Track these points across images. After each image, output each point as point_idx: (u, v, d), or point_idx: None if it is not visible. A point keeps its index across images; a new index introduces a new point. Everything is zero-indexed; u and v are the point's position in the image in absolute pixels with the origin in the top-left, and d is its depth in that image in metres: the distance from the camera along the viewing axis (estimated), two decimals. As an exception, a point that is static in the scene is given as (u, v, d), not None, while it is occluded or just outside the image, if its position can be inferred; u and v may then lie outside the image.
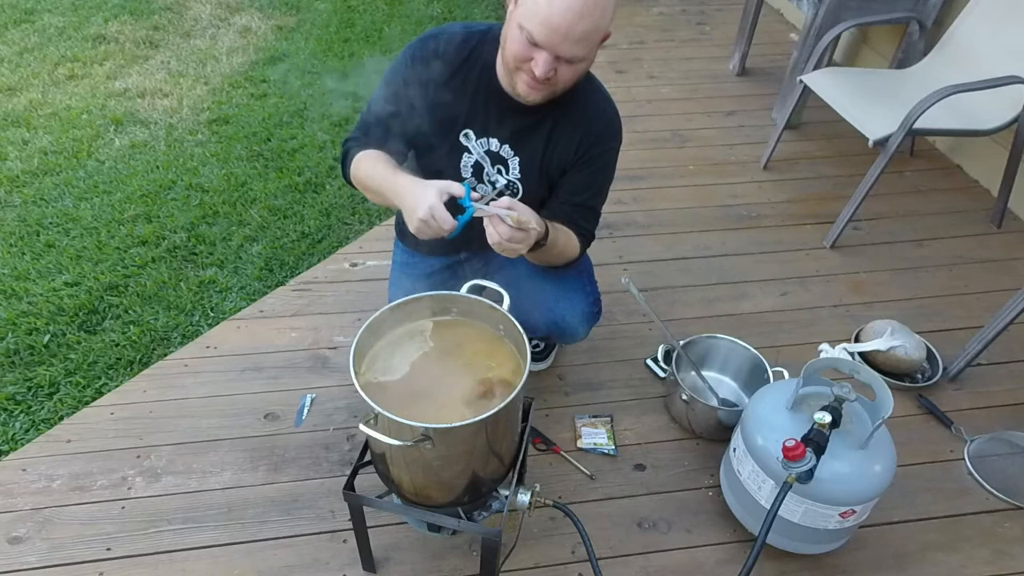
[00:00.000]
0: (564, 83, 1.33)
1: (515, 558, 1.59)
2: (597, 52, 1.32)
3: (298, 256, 2.47)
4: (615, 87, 3.45)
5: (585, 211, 1.54)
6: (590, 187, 1.52)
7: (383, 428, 1.15)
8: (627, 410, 1.94)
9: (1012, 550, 1.65)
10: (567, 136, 1.46)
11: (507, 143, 1.48)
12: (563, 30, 1.20)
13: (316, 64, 3.71)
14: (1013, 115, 2.32)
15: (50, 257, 2.43)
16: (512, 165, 1.50)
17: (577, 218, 1.52)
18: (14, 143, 3.02)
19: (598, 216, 1.58)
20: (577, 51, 1.24)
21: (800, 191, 2.79)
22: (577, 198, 1.51)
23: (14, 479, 1.73)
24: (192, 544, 1.61)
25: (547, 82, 1.30)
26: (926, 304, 2.29)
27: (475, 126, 1.48)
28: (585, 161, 1.48)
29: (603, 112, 1.48)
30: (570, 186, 1.51)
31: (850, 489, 1.39)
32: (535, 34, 1.22)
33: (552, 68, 1.26)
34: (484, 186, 1.50)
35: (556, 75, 1.28)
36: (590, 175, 1.50)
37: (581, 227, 1.53)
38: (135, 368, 2.05)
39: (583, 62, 1.29)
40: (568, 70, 1.29)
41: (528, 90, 1.33)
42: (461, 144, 1.50)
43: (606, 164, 1.51)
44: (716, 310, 2.25)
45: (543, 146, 1.47)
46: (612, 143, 1.50)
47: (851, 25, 2.67)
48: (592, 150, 1.47)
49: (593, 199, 1.54)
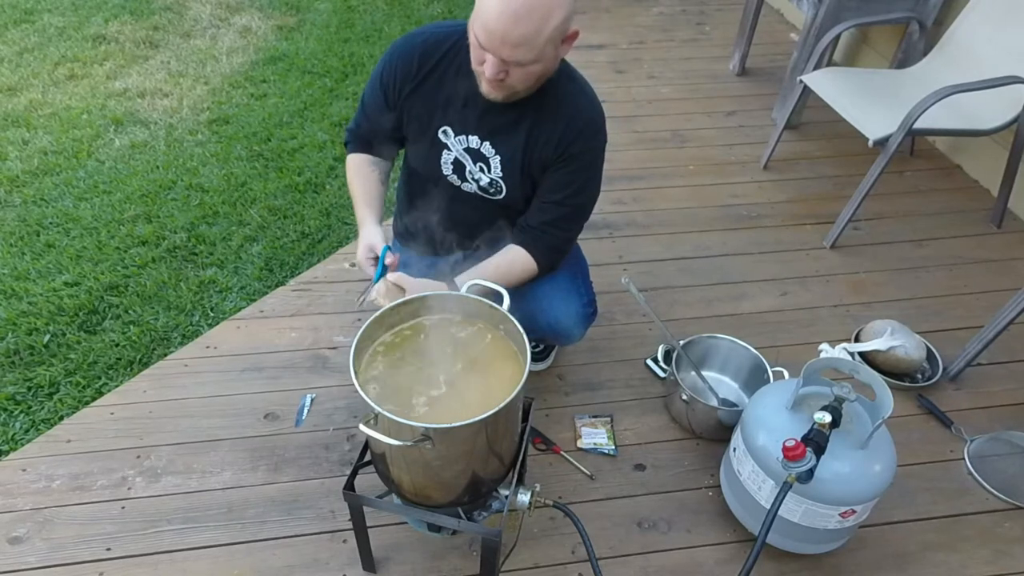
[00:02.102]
0: (521, 84, 1.32)
1: (515, 558, 1.59)
2: (562, 50, 1.31)
3: (298, 256, 2.47)
4: (615, 87, 3.45)
5: (564, 212, 1.52)
6: (570, 184, 1.50)
7: (383, 428, 1.15)
8: (627, 410, 1.94)
9: (1012, 550, 1.65)
10: (546, 134, 1.45)
11: (487, 141, 1.48)
12: (499, 35, 1.20)
13: (316, 64, 3.71)
14: (1013, 115, 2.32)
15: (50, 257, 2.43)
16: (493, 164, 1.50)
17: (544, 231, 1.52)
18: (14, 143, 3.02)
19: (581, 216, 1.56)
20: (518, 55, 1.23)
21: (800, 191, 2.79)
22: (556, 195, 1.50)
23: (14, 479, 1.73)
24: (192, 544, 1.61)
25: (500, 83, 1.30)
26: (926, 304, 2.29)
27: (453, 124, 1.49)
28: (565, 159, 1.47)
29: (583, 112, 1.46)
30: (550, 183, 1.50)
31: (850, 489, 1.39)
32: (479, 37, 1.24)
33: (501, 70, 1.26)
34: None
35: (508, 76, 1.28)
36: (570, 173, 1.49)
37: (544, 242, 1.53)
38: (135, 368, 2.05)
39: (535, 64, 1.27)
40: (519, 72, 1.28)
41: (488, 89, 1.34)
42: (440, 141, 1.51)
43: (588, 163, 1.50)
44: (716, 310, 2.25)
45: (523, 144, 1.46)
46: (593, 142, 1.48)
47: (851, 25, 2.67)
48: (571, 148, 1.45)
49: (573, 198, 1.51)
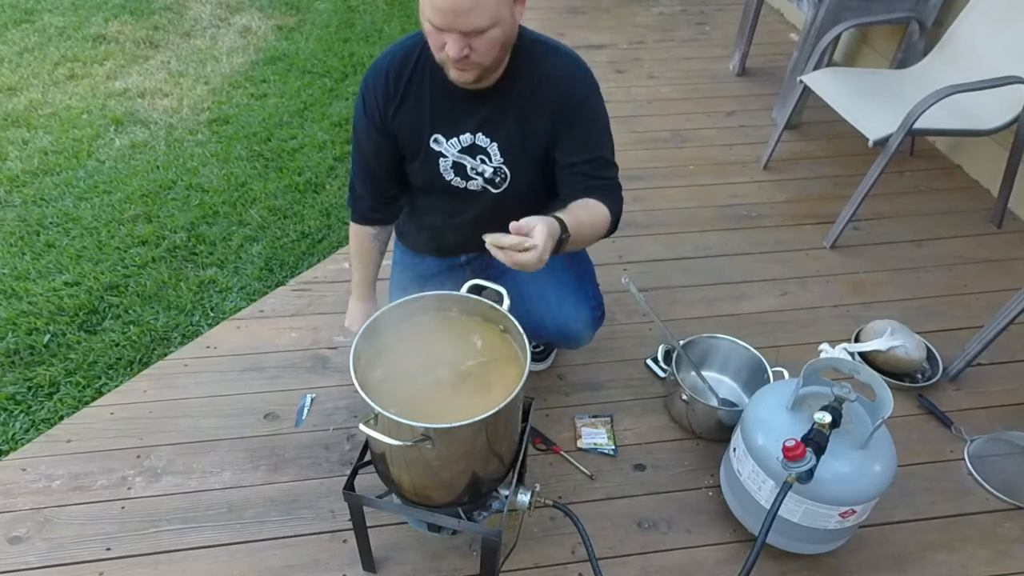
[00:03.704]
0: (487, 57, 1.29)
1: (515, 558, 1.59)
2: (516, 12, 1.29)
3: (298, 256, 2.47)
4: (615, 87, 3.45)
5: (596, 165, 1.45)
6: (586, 141, 1.45)
7: (383, 428, 1.15)
8: (627, 410, 1.94)
9: (1012, 550, 1.65)
10: (536, 106, 1.42)
11: (479, 132, 1.46)
12: (449, 7, 1.19)
13: (316, 64, 3.71)
14: (1013, 115, 2.32)
15: (50, 257, 2.43)
16: (492, 152, 1.48)
17: (593, 181, 1.44)
18: (14, 143, 3.02)
19: (613, 165, 1.49)
20: (476, 20, 1.21)
21: (800, 191, 2.79)
22: (580, 155, 1.45)
23: (14, 479, 1.73)
24: (192, 544, 1.61)
25: (466, 60, 1.27)
26: (926, 304, 2.29)
27: (442, 129, 1.48)
28: (568, 122, 1.43)
29: (563, 68, 1.42)
30: (567, 150, 1.46)
31: (850, 489, 1.39)
32: (433, 20, 1.22)
33: (464, 45, 1.24)
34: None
35: (473, 51, 1.26)
36: (581, 131, 1.45)
37: (603, 187, 1.44)
38: (135, 368, 2.05)
39: (495, 28, 1.24)
40: (483, 42, 1.25)
41: (458, 74, 1.32)
42: (434, 151, 1.50)
43: (591, 114, 1.44)
44: (716, 310, 2.25)
45: (517, 124, 1.45)
46: (585, 91, 1.43)
47: (851, 25, 2.67)
48: (567, 107, 1.42)
49: (597, 150, 1.45)
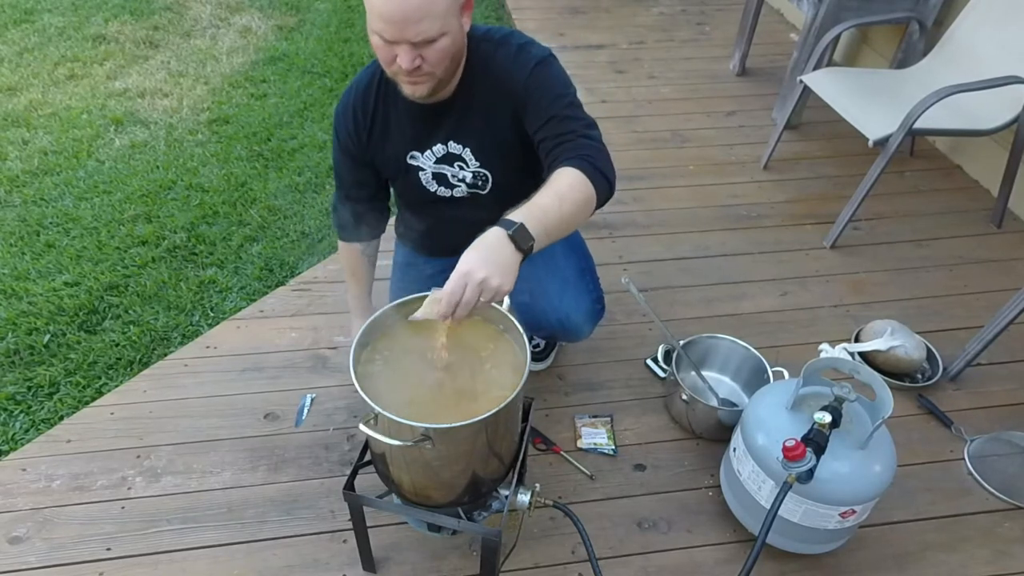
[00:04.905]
0: (438, 67, 1.27)
1: (515, 558, 1.59)
2: (464, 22, 1.28)
3: (298, 256, 2.47)
4: (615, 87, 3.45)
5: (556, 123, 1.36)
6: (541, 107, 1.37)
7: (383, 428, 1.15)
8: (627, 410, 1.94)
9: (1012, 550, 1.65)
10: (495, 103, 1.41)
11: (450, 140, 1.48)
12: (398, 17, 1.18)
13: (316, 64, 3.71)
14: (1013, 115, 2.32)
15: (50, 257, 2.43)
16: (467, 157, 1.50)
17: (556, 141, 1.35)
18: (14, 143, 3.02)
19: (573, 118, 1.37)
20: (424, 29, 1.20)
21: (800, 191, 2.79)
22: (540, 123, 1.38)
23: (14, 479, 1.73)
24: (192, 544, 1.61)
25: (419, 71, 1.26)
26: (926, 304, 2.29)
27: (415, 145, 1.50)
28: (523, 103, 1.39)
29: (509, 60, 1.38)
30: (532, 125, 1.40)
31: (850, 489, 1.39)
32: (383, 33, 1.21)
33: (416, 56, 1.23)
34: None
35: (424, 62, 1.25)
36: (535, 103, 1.38)
37: (569, 145, 1.33)
38: (135, 368, 2.05)
39: (444, 36, 1.23)
40: (433, 51, 1.24)
41: (412, 88, 1.31)
42: (413, 166, 1.53)
43: (541, 84, 1.38)
44: (716, 310, 2.25)
45: (483, 125, 1.45)
46: (530, 68, 1.37)
47: (851, 25, 2.67)
48: (521, 92, 1.38)
49: (551, 109, 1.37)
